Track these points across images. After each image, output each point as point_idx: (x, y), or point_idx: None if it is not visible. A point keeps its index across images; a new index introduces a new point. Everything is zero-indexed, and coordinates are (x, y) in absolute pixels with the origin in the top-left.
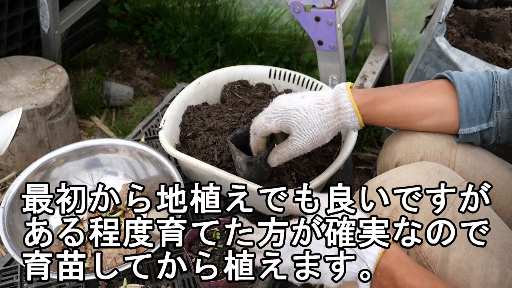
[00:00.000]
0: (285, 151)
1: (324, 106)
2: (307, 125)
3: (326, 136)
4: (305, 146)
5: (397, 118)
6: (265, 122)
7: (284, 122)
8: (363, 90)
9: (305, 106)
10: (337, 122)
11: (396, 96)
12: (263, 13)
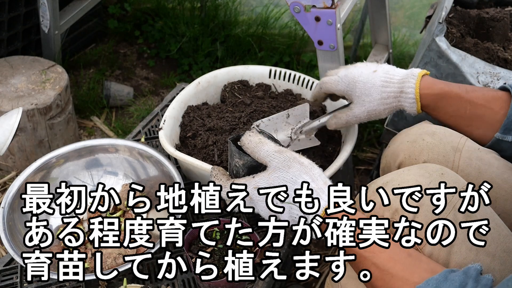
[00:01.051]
0: (343, 117)
1: (389, 85)
2: (368, 97)
3: (383, 112)
4: (362, 116)
5: (450, 118)
6: (333, 83)
7: (348, 91)
8: (433, 81)
9: (372, 81)
10: (396, 103)
11: (459, 98)
12: (263, 13)
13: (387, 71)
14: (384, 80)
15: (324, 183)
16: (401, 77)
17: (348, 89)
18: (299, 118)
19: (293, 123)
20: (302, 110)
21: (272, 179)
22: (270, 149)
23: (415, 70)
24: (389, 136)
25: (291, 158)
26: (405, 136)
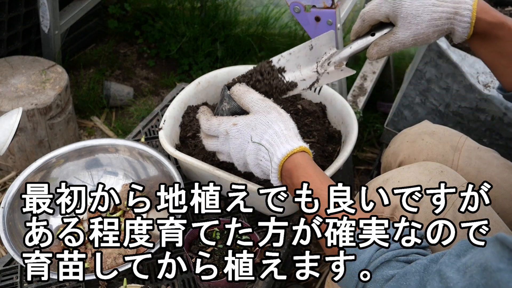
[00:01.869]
0: (386, 43)
1: (442, 3)
2: (416, 19)
3: (432, 36)
4: (407, 41)
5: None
6: (375, 7)
7: (394, 11)
8: (488, 6)
9: None
10: (448, 25)
11: (511, 35)
12: (263, 13)
13: None
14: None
15: (295, 135)
16: None
17: (393, 10)
18: (325, 48)
19: (318, 55)
20: (327, 38)
21: (250, 120)
22: (254, 97)
23: None
24: (389, 136)
25: (272, 106)
26: (405, 136)
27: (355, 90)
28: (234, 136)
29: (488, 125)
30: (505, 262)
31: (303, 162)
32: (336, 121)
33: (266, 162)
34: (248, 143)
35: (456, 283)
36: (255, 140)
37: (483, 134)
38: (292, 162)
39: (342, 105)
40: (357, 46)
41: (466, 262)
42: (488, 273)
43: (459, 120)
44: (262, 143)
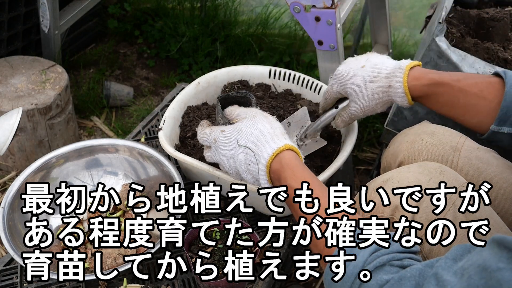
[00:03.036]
0: (345, 114)
1: (377, 80)
2: (359, 94)
3: (376, 107)
4: (357, 113)
5: (443, 108)
6: (330, 88)
7: (342, 89)
8: (423, 72)
9: (360, 77)
10: (387, 97)
11: (450, 87)
12: (263, 13)
13: (375, 65)
14: (372, 75)
15: (282, 133)
16: (389, 71)
17: (342, 88)
18: (301, 123)
19: (295, 130)
20: (302, 114)
21: (237, 125)
22: (242, 109)
23: (403, 62)
24: (389, 136)
25: (257, 111)
26: (405, 137)
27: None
28: (221, 143)
29: None
30: (504, 261)
31: (290, 162)
32: None
33: (254, 165)
34: (235, 148)
35: (453, 285)
36: (241, 143)
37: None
38: (279, 162)
39: None
40: (325, 119)
41: (463, 265)
42: (487, 273)
43: None
44: (247, 145)
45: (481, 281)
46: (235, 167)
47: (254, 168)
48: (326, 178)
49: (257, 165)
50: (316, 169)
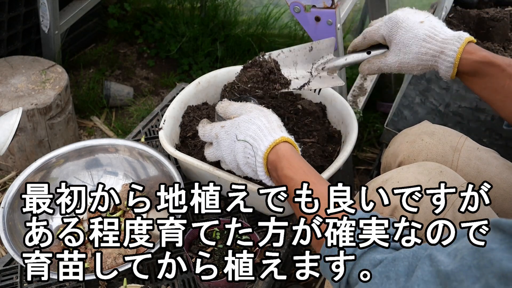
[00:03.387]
0: (376, 63)
1: (432, 41)
2: (405, 48)
3: (416, 68)
4: (393, 66)
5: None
6: (375, 28)
7: (390, 35)
8: (477, 47)
9: (415, 31)
10: (432, 61)
11: (501, 70)
12: (263, 13)
13: (434, 26)
14: (428, 34)
15: (278, 126)
16: (447, 36)
17: (390, 34)
18: (322, 53)
19: (315, 58)
20: (327, 44)
21: (235, 120)
22: (236, 105)
23: (463, 34)
24: (389, 136)
25: (252, 106)
26: (405, 137)
27: (355, 90)
28: (222, 138)
29: (488, 125)
30: (497, 242)
31: (287, 153)
32: (336, 121)
33: (252, 158)
34: (235, 142)
35: (447, 265)
36: (240, 138)
37: (483, 134)
38: (275, 153)
39: (342, 105)
40: (352, 59)
41: (457, 247)
42: (480, 253)
43: (459, 120)
44: (246, 140)
45: (474, 261)
46: (235, 161)
47: (252, 160)
48: (326, 178)
49: (255, 157)
50: (316, 169)
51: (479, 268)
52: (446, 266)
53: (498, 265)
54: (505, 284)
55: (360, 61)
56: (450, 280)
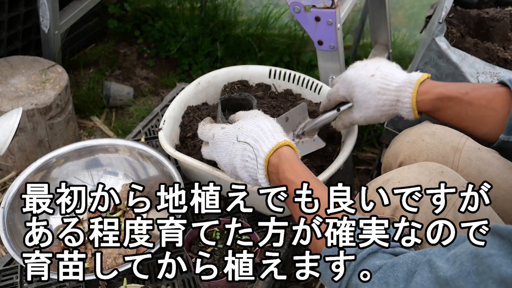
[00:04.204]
0: (346, 118)
1: (386, 92)
2: (365, 103)
3: (380, 118)
4: (360, 120)
5: (452, 120)
6: (335, 91)
7: (349, 95)
8: (431, 85)
9: (369, 87)
10: (393, 110)
11: (458, 101)
12: (263, 13)
13: (385, 75)
14: (381, 86)
15: (281, 131)
16: (399, 84)
17: (348, 94)
18: (299, 119)
19: (293, 126)
20: (300, 110)
21: (237, 123)
22: (245, 111)
23: (414, 76)
24: (389, 136)
25: (258, 112)
26: (405, 137)
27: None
28: (219, 139)
29: None
30: (495, 248)
31: (289, 156)
32: None
33: (252, 161)
34: (234, 143)
35: (446, 271)
36: (240, 139)
37: None
38: (277, 156)
39: None
40: (325, 118)
41: (456, 252)
42: (479, 259)
43: None
44: (247, 141)
45: (473, 267)
46: (231, 164)
47: (252, 164)
48: (326, 178)
49: (256, 159)
50: (316, 169)
51: (478, 274)
52: (445, 272)
53: (497, 271)
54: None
55: (333, 118)
56: (449, 286)
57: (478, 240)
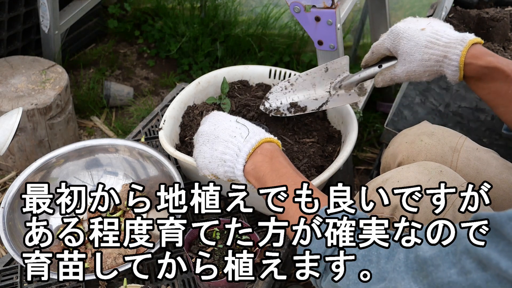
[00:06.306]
0: (387, 74)
1: (434, 46)
2: (409, 57)
3: (423, 75)
4: (402, 76)
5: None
6: (380, 42)
7: (394, 47)
8: (482, 51)
9: (417, 39)
10: (438, 67)
11: (505, 76)
12: (263, 13)
13: (436, 30)
14: (430, 40)
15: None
16: (449, 40)
17: (393, 46)
18: (338, 72)
19: (332, 77)
20: (341, 63)
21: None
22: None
23: (467, 36)
24: (389, 136)
25: None
26: (404, 137)
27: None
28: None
29: (488, 125)
30: (479, 236)
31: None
32: (336, 121)
33: (239, 139)
34: (230, 121)
35: (425, 251)
36: (239, 121)
37: (483, 134)
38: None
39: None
40: (365, 74)
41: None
42: (457, 239)
43: (459, 120)
44: (245, 124)
45: (452, 247)
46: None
47: (238, 142)
48: (326, 178)
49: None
50: (316, 169)
51: (455, 254)
52: (425, 252)
53: (473, 251)
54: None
55: (373, 75)
56: (427, 264)
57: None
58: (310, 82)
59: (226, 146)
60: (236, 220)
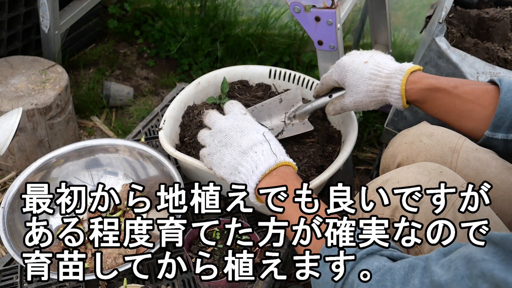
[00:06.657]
0: (338, 104)
1: (377, 78)
2: (356, 88)
3: (370, 104)
4: (350, 106)
5: (439, 112)
6: (329, 75)
7: (341, 79)
8: (422, 76)
9: (361, 72)
10: (381, 96)
11: (447, 93)
12: (263, 13)
13: (378, 63)
14: (373, 72)
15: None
16: (390, 71)
17: (341, 78)
18: (292, 102)
19: (286, 107)
20: (295, 94)
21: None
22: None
23: (406, 65)
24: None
25: None
26: (403, 138)
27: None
28: None
29: None
30: (489, 255)
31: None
32: (336, 121)
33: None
34: (258, 133)
35: (440, 276)
36: (266, 135)
37: None
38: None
39: None
40: (317, 104)
41: (451, 258)
42: (472, 263)
43: None
44: (270, 141)
45: (467, 271)
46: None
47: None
48: (326, 178)
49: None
50: (316, 169)
51: (471, 278)
52: (440, 277)
53: (490, 274)
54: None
55: (325, 104)
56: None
57: (478, 240)
58: (266, 113)
59: (245, 160)
60: (236, 220)
